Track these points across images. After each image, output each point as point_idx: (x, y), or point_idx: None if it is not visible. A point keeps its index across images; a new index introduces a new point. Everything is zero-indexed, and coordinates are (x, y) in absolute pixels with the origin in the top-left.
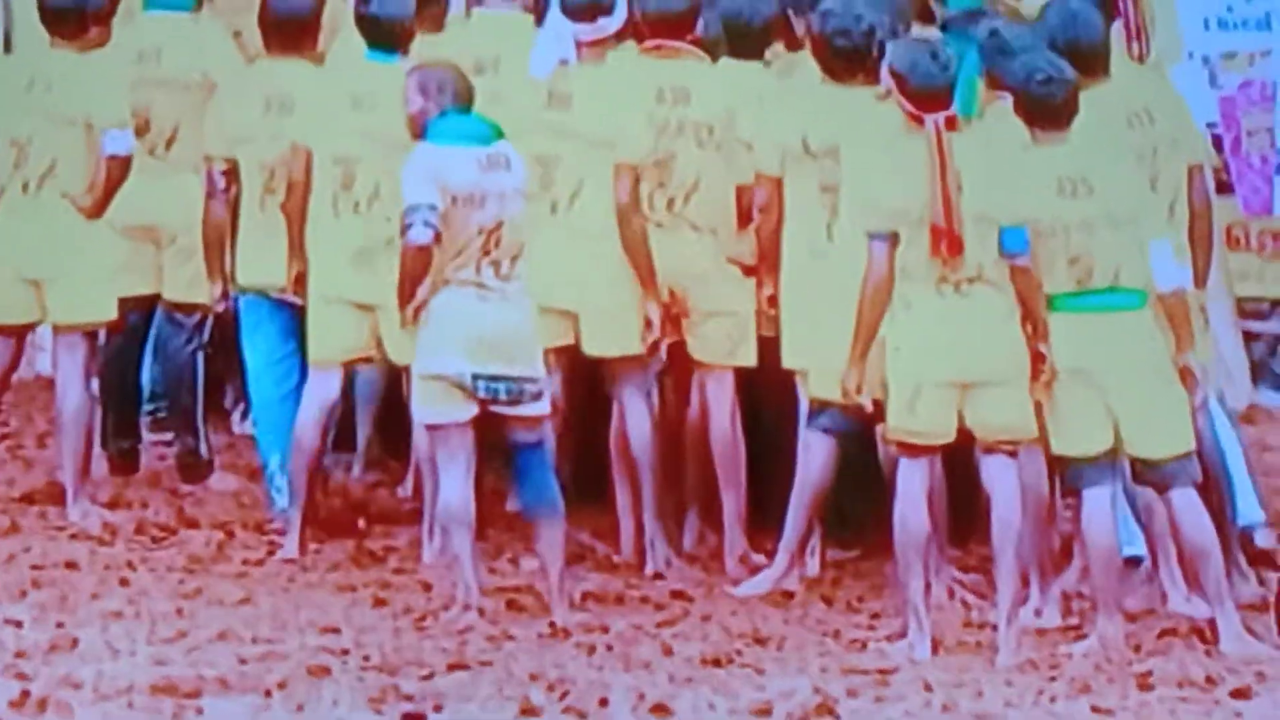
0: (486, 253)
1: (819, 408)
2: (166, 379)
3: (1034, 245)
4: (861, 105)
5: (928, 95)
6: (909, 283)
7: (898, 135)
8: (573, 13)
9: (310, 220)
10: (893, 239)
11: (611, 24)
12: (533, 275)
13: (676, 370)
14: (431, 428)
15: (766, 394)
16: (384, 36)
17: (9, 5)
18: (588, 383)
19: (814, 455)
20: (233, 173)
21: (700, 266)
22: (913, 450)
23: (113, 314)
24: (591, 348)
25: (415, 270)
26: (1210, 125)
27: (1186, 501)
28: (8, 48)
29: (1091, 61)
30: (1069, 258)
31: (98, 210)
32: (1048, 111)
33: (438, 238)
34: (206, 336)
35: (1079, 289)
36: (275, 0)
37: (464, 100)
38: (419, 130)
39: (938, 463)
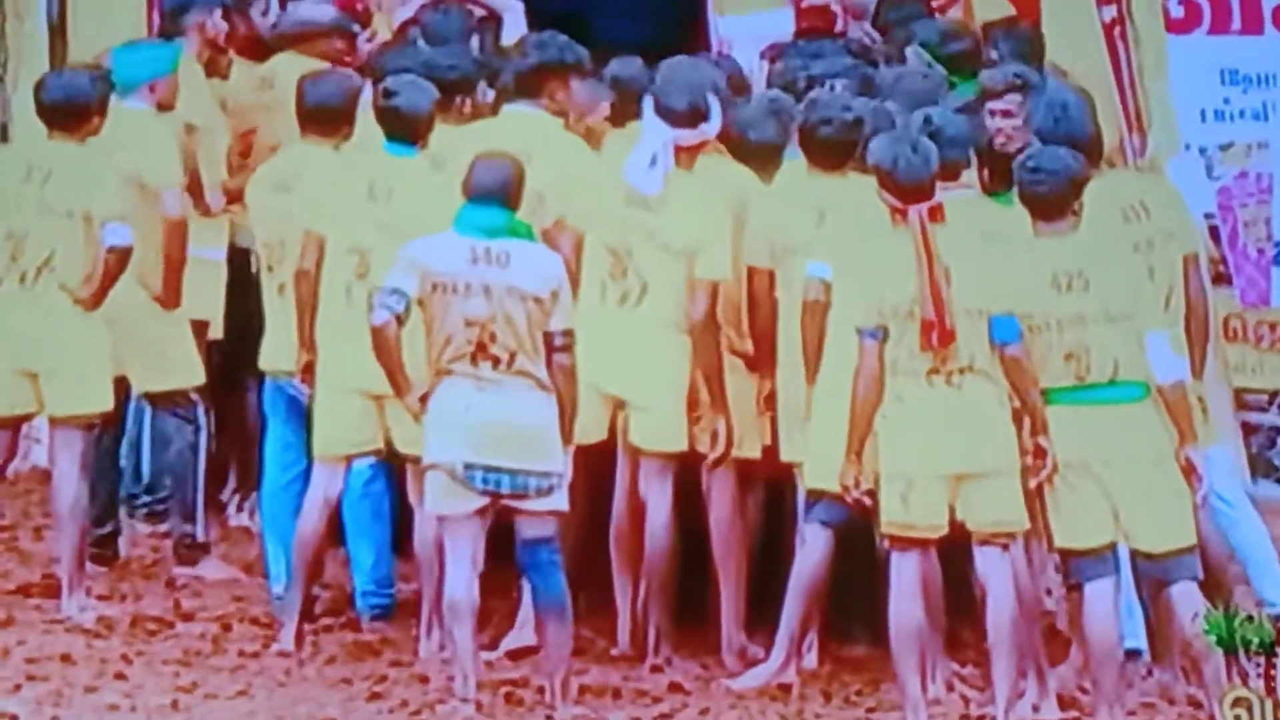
0: (481, 347)
1: (815, 499)
2: (170, 473)
3: (1030, 340)
4: (847, 198)
5: (911, 188)
6: (899, 376)
7: (884, 229)
8: (676, 119)
9: (323, 309)
10: (883, 334)
11: (712, 129)
12: (592, 359)
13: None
14: (440, 518)
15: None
16: (404, 129)
17: (7, 95)
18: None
19: (811, 547)
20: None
21: None
22: (906, 543)
23: (109, 406)
24: (638, 439)
25: (381, 352)
26: (1207, 216)
27: (1188, 596)
28: (5, 138)
29: (1083, 155)
30: (1065, 352)
31: (96, 302)
32: (1039, 202)
33: (399, 321)
34: (203, 423)
35: (1078, 383)
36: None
37: (481, 191)
38: None
39: (933, 555)
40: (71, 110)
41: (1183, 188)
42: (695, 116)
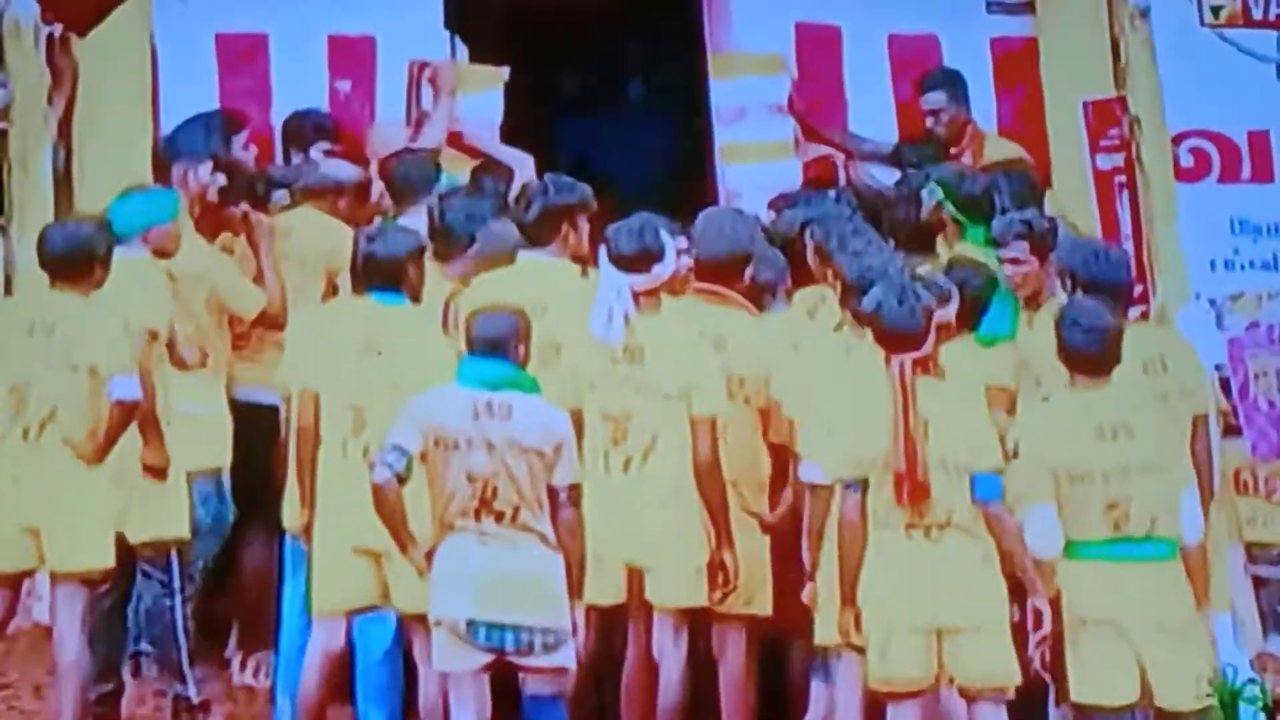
0: (484, 502)
1: (823, 655)
2: (149, 629)
3: (1070, 490)
4: (835, 347)
5: (897, 338)
6: (879, 528)
7: (876, 379)
8: (628, 264)
9: (321, 466)
10: (863, 486)
11: (665, 270)
12: (604, 530)
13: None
14: (444, 674)
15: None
16: (385, 276)
17: (11, 246)
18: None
19: (820, 703)
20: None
21: None
22: (894, 696)
23: (110, 562)
24: (654, 596)
25: (383, 510)
26: (1217, 367)
27: None
28: (8, 290)
29: (1113, 302)
30: (1108, 502)
31: (99, 457)
32: (1090, 360)
33: (401, 480)
34: (179, 582)
35: (1114, 535)
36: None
37: (482, 345)
38: None
39: (938, 700)
40: (74, 262)
41: (1192, 337)
42: (646, 259)
